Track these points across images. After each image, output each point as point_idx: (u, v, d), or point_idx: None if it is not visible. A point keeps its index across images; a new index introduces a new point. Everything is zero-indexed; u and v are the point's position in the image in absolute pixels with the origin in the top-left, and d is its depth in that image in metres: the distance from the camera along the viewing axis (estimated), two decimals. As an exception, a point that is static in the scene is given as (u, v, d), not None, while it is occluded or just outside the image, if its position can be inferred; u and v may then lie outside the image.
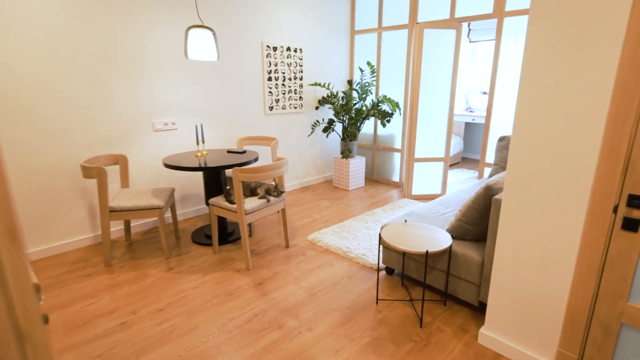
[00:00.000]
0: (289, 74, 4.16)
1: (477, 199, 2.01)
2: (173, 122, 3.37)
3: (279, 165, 2.59)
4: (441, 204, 2.80)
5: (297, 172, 4.57)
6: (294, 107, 4.30)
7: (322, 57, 4.49)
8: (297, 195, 4.31)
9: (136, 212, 2.67)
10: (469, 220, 2.08)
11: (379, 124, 4.70)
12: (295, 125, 4.39)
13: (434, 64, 3.77)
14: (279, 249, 2.96)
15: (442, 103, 3.89)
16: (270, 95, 4.04)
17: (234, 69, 3.70)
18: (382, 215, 3.55)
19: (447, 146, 4.01)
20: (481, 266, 1.96)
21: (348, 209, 3.83)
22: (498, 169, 3.32)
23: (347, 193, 4.39)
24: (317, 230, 3.30)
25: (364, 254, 2.77)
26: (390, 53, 4.38)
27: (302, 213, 3.75)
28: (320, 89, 4.56)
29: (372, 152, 4.84)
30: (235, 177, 2.47)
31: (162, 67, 3.21)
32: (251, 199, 2.73)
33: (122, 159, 2.99)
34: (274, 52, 3.97)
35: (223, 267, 2.67)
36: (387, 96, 4.15)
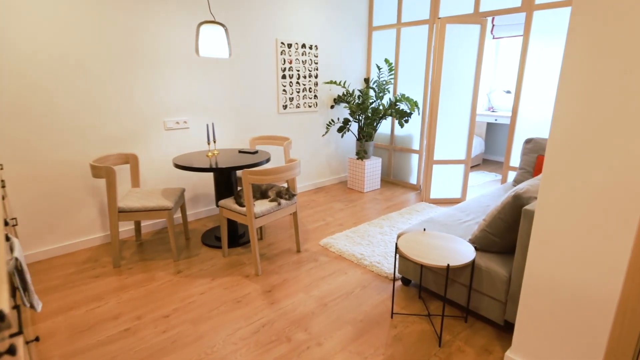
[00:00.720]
0: (304, 71, 4.05)
1: (505, 208, 1.85)
2: (185, 121, 3.30)
3: (290, 167, 2.48)
4: (462, 210, 2.63)
5: (310, 172, 4.45)
6: (308, 105, 4.18)
7: (338, 54, 4.35)
8: (310, 197, 4.20)
9: (145, 213, 2.61)
10: (495, 232, 1.92)
11: (396, 124, 4.54)
12: (309, 125, 4.28)
13: (456, 61, 3.58)
14: (290, 253, 2.85)
15: (464, 102, 3.70)
16: (284, 93, 3.94)
17: (247, 66, 3.61)
18: (398, 220, 3.40)
19: (469, 148, 3.81)
20: (508, 282, 1.80)
21: (363, 213, 3.69)
22: (524, 173, 3.12)
23: (362, 195, 4.25)
24: (329, 234, 3.17)
25: (379, 261, 2.64)
26: (410, 50, 4.21)
27: (314, 216, 3.63)
28: (335, 87, 4.42)
29: (389, 152, 4.68)
30: (245, 179, 2.37)
31: (173, 65, 3.14)
32: (262, 202, 2.63)
33: (133, 158, 2.93)
34: (289, 49, 3.86)
35: (232, 272, 2.58)
36: (405, 95, 3.98)
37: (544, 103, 3.21)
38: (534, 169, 3.06)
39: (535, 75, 3.22)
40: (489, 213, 1.97)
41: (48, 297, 2.30)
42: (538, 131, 3.31)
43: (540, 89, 3.22)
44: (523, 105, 3.34)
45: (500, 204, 1.89)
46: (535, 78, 3.23)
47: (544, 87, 3.19)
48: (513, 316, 1.81)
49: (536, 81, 3.23)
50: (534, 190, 1.81)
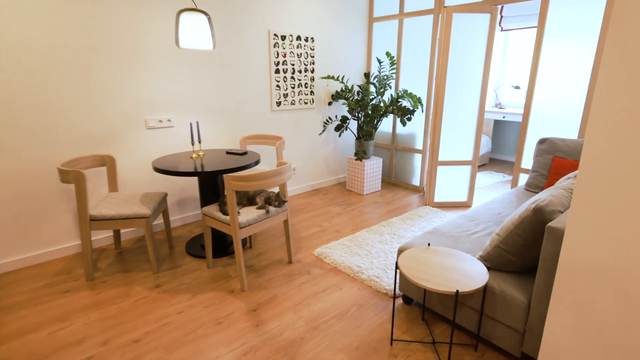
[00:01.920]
0: (299, 65, 3.78)
1: (523, 223, 1.59)
2: (169, 119, 3.04)
3: (279, 172, 2.22)
4: (470, 219, 2.37)
5: (307, 173, 4.20)
6: (304, 102, 3.92)
7: (336, 47, 4.08)
8: (306, 200, 3.95)
9: (119, 221, 2.37)
10: (511, 249, 1.66)
11: (398, 122, 4.26)
12: (305, 123, 4.01)
13: (464, 54, 3.31)
14: (281, 265, 2.60)
15: (472, 99, 3.42)
16: (278, 89, 3.67)
17: (237, 59, 3.34)
18: (399, 227, 3.14)
19: (476, 148, 3.54)
20: (526, 310, 1.54)
21: (361, 217, 3.44)
22: (537, 176, 2.86)
23: (361, 198, 3.99)
24: (325, 242, 2.92)
25: (378, 275, 2.38)
26: (413, 42, 3.92)
27: (310, 220, 3.38)
28: (333, 82, 4.15)
29: (390, 152, 4.42)
30: (228, 185, 2.12)
31: (156, 58, 2.88)
32: (248, 209, 2.38)
33: (109, 160, 2.68)
34: (282, 42, 3.59)
35: (215, 287, 2.34)
36: (407, 91, 3.71)
37: (559, 100, 2.94)
38: (549, 172, 2.79)
39: (550, 69, 2.94)
40: (504, 227, 1.71)
41: (8, 317, 2.06)
42: (553, 130, 3.04)
43: (556, 85, 2.94)
44: (536, 103, 3.06)
45: (518, 217, 1.63)
46: (549, 72, 2.95)
47: (560, 83, 2.91)
48: (533, 349, 1.55)
49: (551, 76, 2.95)
50: (558, 203, 1.55)
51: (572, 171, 2.61)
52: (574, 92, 2.85)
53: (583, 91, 2.80)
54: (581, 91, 2.81)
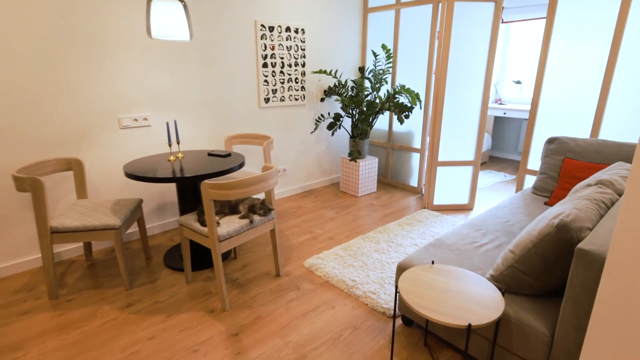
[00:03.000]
0: (289, 59, 3.52)
1: (544, 242, 1.36)
2: (145, 118, 2.78)
3: (263, 178, 1.98)
4: (476, 228, 2.15)
5: (298, 174, 3.95)
6: (294, 98, 3.66)
7: (329, 39, 3.82)
8: (297, 202, 3.70)
9: (85, 233, 2.11)
10: (528, 270, 1.44)
11: (394, 120, 4.03)
12: (296, 121, 3.76)
13: (465, 46, 3.07)
14: (268, 278, 2.37)
15: (474, 95, 3.19)
16: (266, 84, 3.41)
17: (221, 52, 3.07)
18: (397, 234, 2.92)
19: (478, 147, 3.32)
20: (549, 344, 1.32)
21: (356, 222, 3.21)
22: (546, 178, 2.64)
23: (356, 200, 3.76)
24: (317, 252, 2.68)
25: (374, 291, 2.16)
26: (410, 34, 3.68)
27: (301, 226, 3.14)
28: (325, 77, 3.90)
29: (387, 151, 4.18)
30: (205, 194, 1.87)
31: (130, 50, 2.61)
32: (230, 219, 2.13)
33: (77, 163, 2.42)
34: (271, 33, 3.32)
35: (194, 306, 2.10)
36: (405, 86, 3.47)
37: (569, 96, 2.71)
38: (559, 174, 2.57)
39: (560, 63, 2.71)
40: (519, 243, 1.49)
41: (-47, 346, 1.80)
42: (561, 129, 2.82)
43: (565, 80, 2.71)
44: (544, 99, 2.84)
45: (537, 234, 1.40)
46: (559, 66, 2.72)
47: (570, 78, 2.69)
48: (555, 388, 1.33)
49: (560, 70, 2.72)
50: (585, 218, 1.32)
51: (586, 174, 2.40)
52: (585, 87, 2.63)
53: (596, 87, 2.58)
54: (594, 87, 2.59)
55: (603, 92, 2.52)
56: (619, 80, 2.46)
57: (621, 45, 2.39)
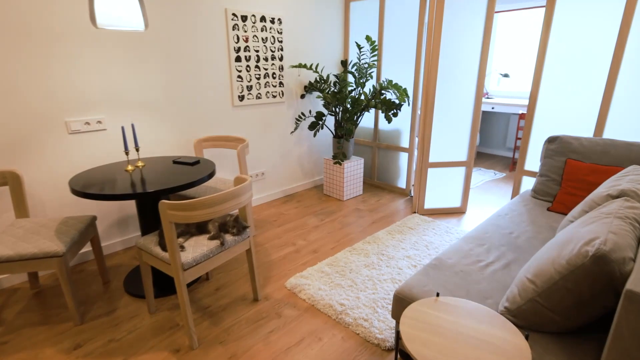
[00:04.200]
0: (265, 52, 3.19)
1: (575, 274, 1.12)
2: (99, 121, 2.41)
3: (235, 194, 1.67)
4: (478, 242, 1.91)
5: (278, 178, 3.64)
6: (272, 95, 3.34)
7: (308, 30, 3.50)
8: (277, 209, 3.40)
9: (21, 263, 1.76)
10: (554, 306, 1.20)
11: (381, 117, 3.76)
12: (274, 120, 3.44)
13: (457, 38, 2.82)
14: (245, 304, 2.07)
15: (466, 90, 2.96)
16: (240, 80, 3.08)
17: (187, 45, 2.72)
18: (387, 244, 2.67)
19: (471, 147, 3.10)
20: (585, 401, 1.09)
21: (342, 231, 2.94)
22: (547, 181, 2.44)
23: (341, 205, 3.49)
24: (300, 269, 2.40)
25: (366, 317, 1.90)
26: (397, 25, 3.41)
27: (282, 237, 2.84)
28: (306, 71, 3.59)
29: (372, 151, 3.92)
30: (164, 216, 1.55)
31: (79, 43, 2.24)
32: (198, 240, 1.82)
33: (12, 177, 2.04)
34: (243, 23, 2.98)
35: (157, 343, 1.78)
36: (392, 81, 3.21)
37: (570, 91, 2.51)
38: (562, 177, 2.37)
39: (560, 55, 2.50)
40: (542, 272, 1.25)
41: None
42: (562, 126, 2.62)
43: (566, 73, 2.50)
44: (543, 93, 2.62)
45: (566, 264, 1.16)
46: (559, 58, 2.51)
47: (571, 71, 2.48)
48: None
49: (560, 63, 2.51)
50: (625, 245, 1.09)
51: (593, 177, 2.20)
52: (589, 80, 2.42)
53: (600, 81, 2.37)
54: (598, 81, 2.38)
55: (609, 86, 2.32)
56: (627, 72, 2.26)
57: (630, 33, 2.19)
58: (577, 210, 1.75)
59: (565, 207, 2.25)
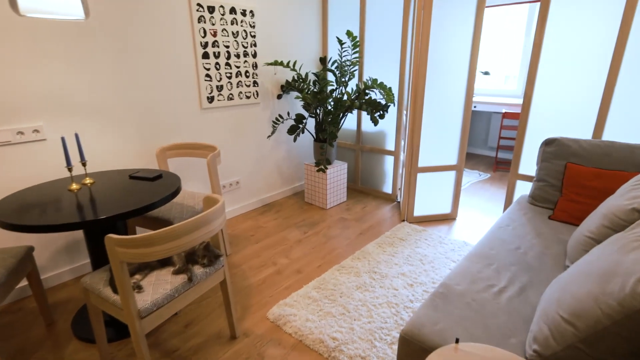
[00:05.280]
0: (236, 48, 2.86)
1: (632, 320, 0.91)
2: (36, 129, 2.02)
3: (203, 221, 1.36)
4: (485, 261, 1.70)
5: (254, 186, 3.33)
6: (245, 96, 3.02)
7: (284, 24, 3.21)
8: (255, 221, 3.10)
9: None
10: (603, 356, 0.98)
11: (364, 118, 3.52)
12: (249, 123, 3.13)
13: (446, 33, 2.61)
14: (220, 343, 1.77)
15: (456, 90, 2.76)
16: (209, 80, 2.74)
17: (145, 39, 2.36)
18: (379, 259, 2.43)
19: (462, 149, 2.91)
20: None
21: (328, 245, 2.68)
22: (545, 186, 2.27)
23: (324, 214, 3.22)
24: (284, 295, 2.12)
25: (364, 354, 1.64)
26: (380, 20, 3.17)
27: (261, 256, 2.55)
28: (282, 69, 3.29)
29: (355, 154, 3.68)
30: (113, 255, 1.23)
31: (5, 34, 1.84)
32: (159, 276, 1.50)
33: None
34: (211, 15, 2.65)
35: (111, 405, 1.45)
36: (377, 80, 2.97)
37: (566, 90, 2.35)
38: (562, 183, 2.21)
39: (555, 52, 2.34)
40: (583, 313, 1.03)
41: None
42: (557, 128, 2.46)
43: (562, 71, 2.34)
44: (538, 93, 2.46)
45: (617, 305, 0.95)
46: (554, 56, 2.35)
47: (568, 69, 2.32)
48: None
49: (555, 60, 2.35)
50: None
51: (596, 182, 2.04)
52: (586, 80, 2.27)
53: (600, 79, 2.22)
54: (597, 79, 2.23)
55: (608, 84, 2.17)
56: (628, 70, 2.11)
57: (632, 27, 2.04)
58: (594, 224, 1.56)
59: (569, 215, 2.09)
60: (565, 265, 1.63)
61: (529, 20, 4.41)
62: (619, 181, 1.98)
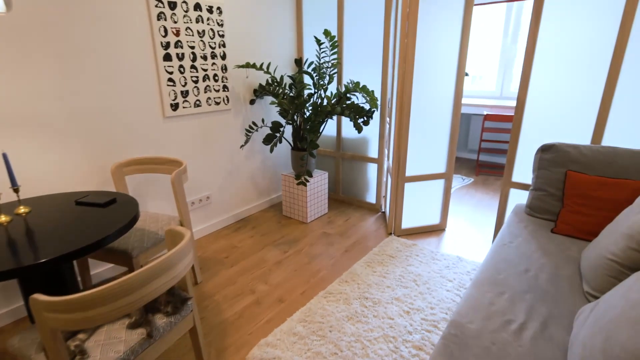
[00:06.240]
0: (203, 48, 2.56)
1: None
2: (-45, 147, 1.65)
3: (165, 267, 1.08)
4: (496, 290, 1.50)
5: (227, 201, 3.03)
6: (214, 102, 2.72)
7: (255, 22, 2.93)
8: (228, 240, 2.80)
9: None
10: None
11: (344, 124, 3.30)
12: (219, 132, 2.82)
13: (432, 33, 2.43)
14: (191, 402, 1.47)
15: (444, 92, 2.58)
16: (172, 84, 2.42)
17: (97, 39, 2.02)
18: (369, 281, 2.20)
19: (451, 156, 2.74)
20: None
21: (312, 267, 2.42)
22: (544, 196, 2.13)
23: (305, 229, 2.97)
24: (265, 331, 1.84)
25: (364, 407, 1.40)
26: (360, 17, 2.95)
27: (236, 282, 2.26)
28: (255, 72, 3.01)
29: (336, 162, 3.45)
30: (41, 322, 0.92)
31: None
32: (110, 332, 1.20)
33: None
34: (172, 12, 2.34)
35: None
36: (360, 83, 2.75)
37: (562, 92, 2.22)
38: (563, 192, 2.07)
39: (549, 51, 2.20)
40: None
41: None
42: (553, 133, 2.33)
43: (557, 72, 2.21)
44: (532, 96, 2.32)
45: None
46: (548, 55, 2.21)
47: (563, 69, 2.19)
48: None
49: (550, 59, 2.21)
50: None
51: (602, 192, 1.90)
52: (584, 81, 2.14)
53: (599, 80, 2.10)
54: (596, 80, 2.11)
55: (609, 85, 2.05)
56: (631, 69, 1.99)
57: (633, 24, 1.92)
58: (616, 246, 1.40)
59: (574, 228, 1.94)
60: (585, 291, 1.46)
61: (507, 20, 4.35)
62: (624, 190, 1.85)
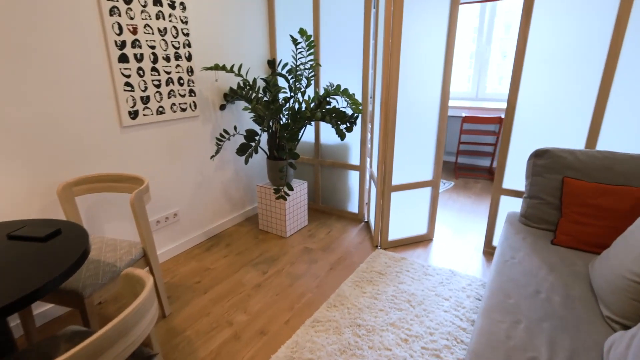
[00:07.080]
0: (165, 48, 2.27)
1: None
2: None
3: (118, 334, 0.81)
4: (509, 318, 1.34)
5: (197, 217, 2.74)
6: (180, 108, 2.43)
7: (224, 19, 2.67)
8: (200, 261, 2.51)
9: None
10: None
11: (323, 129, 3.09)
12: (186, 141, 2.54)
13: (417, 33, 2.27)
14: None
15: (430, 95, 2.44)
16: (130, 89, 2.12)
17: (36, 37, 1.70)
18: (359, 304, 2.00)
19: (437, 163, 2.60)
20: None
21: (295, 289, 2.19)
22: (540, 204, 2.02)
23: (284, 244, 2.73)
24: (246, 374, 1.60)
25: None
26: (337, 15, 2.76)
27: (211, 313, 1.99)
28: (224, 75, 2.74)
29: (314, 169, 3.24)
30: None
31: None
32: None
33: None
34: (127, 6, 2.04)
35: None
36: (341, 87, 2.54)
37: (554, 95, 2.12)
38: (560, 200, 1.96)
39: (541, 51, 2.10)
40: None
41: None
42: (546, 137, 2.23)
43: (548, 74, 2.11)
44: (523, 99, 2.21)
45: None
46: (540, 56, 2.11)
47: (555, 70, 2.09)
48: None
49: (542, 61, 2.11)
50: None
51: (602, 200, 1.80)
52: (577, 83, 2.05)
53: (593, 82, 2.01)
54: (590, 82, 2.02)
55: (603, 88, 1.96)
56: (625, 72, 1.91)
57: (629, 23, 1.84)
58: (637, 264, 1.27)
59: (575, 239, 1.83)
60: (605, 316, 1.33)
61: (481, 20, 4.31)
62: (626, 198, 1.75)
